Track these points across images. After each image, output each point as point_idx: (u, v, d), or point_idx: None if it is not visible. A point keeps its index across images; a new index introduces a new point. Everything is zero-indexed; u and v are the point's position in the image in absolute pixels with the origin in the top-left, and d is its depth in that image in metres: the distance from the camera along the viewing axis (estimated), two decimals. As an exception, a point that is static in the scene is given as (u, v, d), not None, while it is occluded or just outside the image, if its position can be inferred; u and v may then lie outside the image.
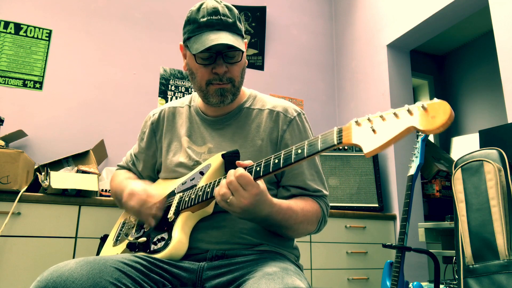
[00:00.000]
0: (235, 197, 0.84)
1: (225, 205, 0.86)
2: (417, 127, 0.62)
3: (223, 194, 0.85)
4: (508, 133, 1.61)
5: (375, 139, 0.66)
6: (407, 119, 0.64)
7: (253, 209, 0.86)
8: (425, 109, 0.62)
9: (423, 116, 0.62)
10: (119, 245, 1.10)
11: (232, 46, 0.98)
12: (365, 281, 2.36)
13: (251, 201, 0.84)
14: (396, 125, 0.64)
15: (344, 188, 2.56)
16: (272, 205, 0.90)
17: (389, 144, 0.64)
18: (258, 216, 0.90)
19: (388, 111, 0.67)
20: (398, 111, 0.65)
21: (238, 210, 0.85)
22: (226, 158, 1.00)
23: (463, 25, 3.65)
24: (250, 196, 0.83)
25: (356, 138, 0.69)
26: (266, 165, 0.84)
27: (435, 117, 0.61)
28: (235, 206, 0.84)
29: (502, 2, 1.98)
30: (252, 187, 0.83)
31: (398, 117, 0.65)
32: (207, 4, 1.03)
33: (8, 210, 1.71)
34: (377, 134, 0.66)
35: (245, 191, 0.83)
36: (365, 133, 0.68)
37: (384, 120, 0.66)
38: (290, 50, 3.27)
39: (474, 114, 4.02)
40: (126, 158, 1.33)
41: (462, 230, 1.47)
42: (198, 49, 0.98)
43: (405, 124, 0.63)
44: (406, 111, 0.64)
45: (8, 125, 2.23)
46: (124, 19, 2.76)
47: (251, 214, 0.87)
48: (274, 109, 1.12)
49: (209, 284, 0.89)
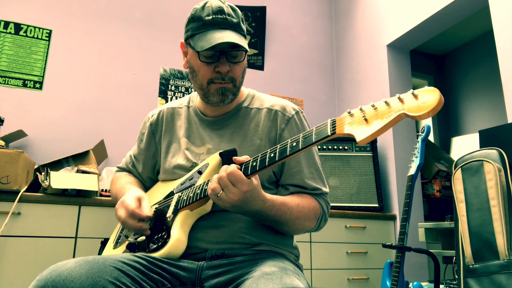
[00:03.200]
0: (225, 193, 0.86)
1: (215, 199, 0.88)
2: (408, 113, 0.64)
3: (213, 188, 0.87)
4: (508, 133, 1.61)
5: (367, 128, 0.68)
6: (398, 107, 0.66)
7: (243, 204, 0.87)
8: (416, 96, 0.64)
9: (413, 103, 0.64)
10: (119, 247, 1.10)
11: (238, 45, 0.99)
12: (365, 281, 2.36)
13: (240, 198, 0.85)
14: (387, 113, 0.66)
15: (344, 188, 2.56)
16: (264, 201, 0.91)
17: (381, 131, 0.66)
18: (249, 211, 0.91)
19: (380, 100, 0.69)
20: (390, 100, 0.68)
21: (228, 205, 0.87)
22: (224, 156, 1.01)
23: (463, 25, 3.65)
24: (240, 192, 0.84)
25: (349, 128, 0.71)
26: (262, 159, 0.85)
27: (425, 102, 0.62)
28: (225, 201, 0.86)
29: (502, 2, 1.98)
30: (242, 184, 0.84)
31: (390, 106, 0.67)
32: (211, 3, 1.03)
33: (8, 210, 1.71)
34: (370, 123, 0.68)
35: (235, 187, 0.85)
36: (357, 122, 0.70)
37: (376, 110, 0.68)
38: (290, 50, 3.27)
39: (474, 114, 4.02)
40: (125, 159, 1.33)
41: (462, 230, 1.47)
42: (203, 47, 0.98)
43: (396, 112, 0.65)
44: (397, 99, 0.66)
45: (8, 125, 2.23)
46: (124, 19, 2.76)
47: (241, 208, 0.89)
48: (272, 108, 1.12)
49: (208, 284, 0.89)
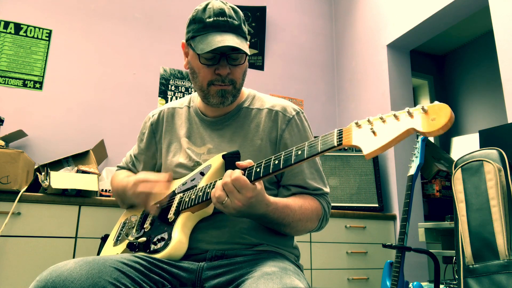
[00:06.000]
0: (229, 199, 0.85)
1: (220, 207, 0.87)
2: (417, 129, 0.62)
3: (218, 196, 0.86)
4: (508, 133, 1.61)
5: (375, 140, 0.66)
6: (407, 121, 0.64)
7: (248, 210, 0.87)
8: (426, 111, 0.62)
9: (423, 119, 0.62)
10: (119, 245, 1.10)
11: (238, 48, 0.98)
12: (365, 281, 2.36)
13: (245, 204, 0.85)
14: (396, 127, 0.64)
15: (344, 188, 2.56)
16: (268, 204, 0.90)
17: (389, 146, 0.65)
18: (254, 215, 0.91)
19: (389, 113, 0.67)
20: (399, 113, 0.66)
21: (233, 212, 0.86)
22: (227, 158, 1.00)
23: (463, 25, 3.64)
24: (245, 198, 0.84)
25: (356, 139, 0.69)
26: (266, 166, 0.84)
27: (435, 119, 0.61)
28: (230, 208, 0.86)
29: (502, 2, 1.98)
30: (246, 190, 0.84)
31: (399, 119, 0.65)
32: (213, 5, 1.02)
33: (8, 210, 1.71)
34: (377, 136, 0.66)
35: (240, 194, 0.84)
36: (365, 134, 0.68)
37: (385, 122, 0.67)
38: (290, 50, 3.27)
39: (474, 114, 4.01)
40: (125, 159, 1.33)
41: (462, 230, 1.47)
42: (203, 50, 0.97)
43: (405, 126, 0.63)
44: (406, 113, 0.64)
45: (8, 125, 2.23)
46: (124, 19, 2.76)
47: (245, 214, 0.89)
48: (273, 109, 1.12)
49: (208, 284, 0.89)
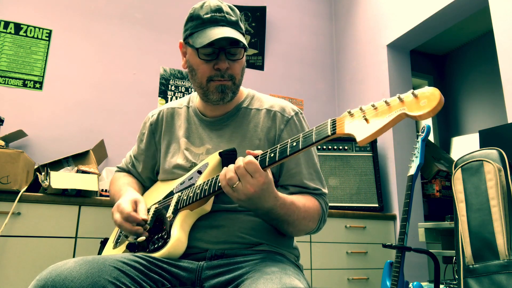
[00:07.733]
0: (241, 183, 0.82)
1: (230, 191, 0.84)
2: (408, 113, 0.64)
3: (230, 178, 0.83)
4: (508, 133, 1.61)
5: (367, 127, 0.67)
6: (398, 107, 0.66)
7: (258, 198, 0.83)
8: (416, 96, 0.64)
9: (413, 103, 0.64)
10: (119, 247, 1.10)
11: (237, 41, 0.99)
12: (365, 281, 2.36)
13: (257, 190, 0.82)
14: (387, 113, 0.66)
15: (344, 188, 2.56)
16: (277, 198, 0.88)
17: (381, 131, 0.66)
18: (262, 208, 0.88)
19: (380, 100, 0.69)
20: (390, 100, 0.68)
21: (243, 197, 0.83)
22: (224, 156, 1.00)
23: (463, 25, 3.65)
24: (258, 183, 0.81)
25: (349, 127, 0.71)
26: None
27: (425, 102, 0.62)
28: (241, 192, 0.82)
29: (502, 2, 1.98)
30: (260, 175, 0.81)
31: (390, 106, 0.67)
32: (210, 2, 1.04)
33: (8, 210, 1.71)
34: (370, 123, 0.68)
35: (253, 178, 0.81)
36: (358, 122, 0.70)
37: (376, 110, 0.68)
38: (290, 50, 3.27)
39: (474, 114, 4.01)
40: (125, 159, 1.33)
41: (462, 230, 1.47)
42: (202, 43, 0.98)
43: (397, 112, 0.65)
44: (397, 99, 0.66)
45: (8, 125, 2.23)
46: (124, 19, 2.76)
47: (255, 203, 0.85)
48: (271, 109, 1.12)
49: (208, 284, 0.89)
